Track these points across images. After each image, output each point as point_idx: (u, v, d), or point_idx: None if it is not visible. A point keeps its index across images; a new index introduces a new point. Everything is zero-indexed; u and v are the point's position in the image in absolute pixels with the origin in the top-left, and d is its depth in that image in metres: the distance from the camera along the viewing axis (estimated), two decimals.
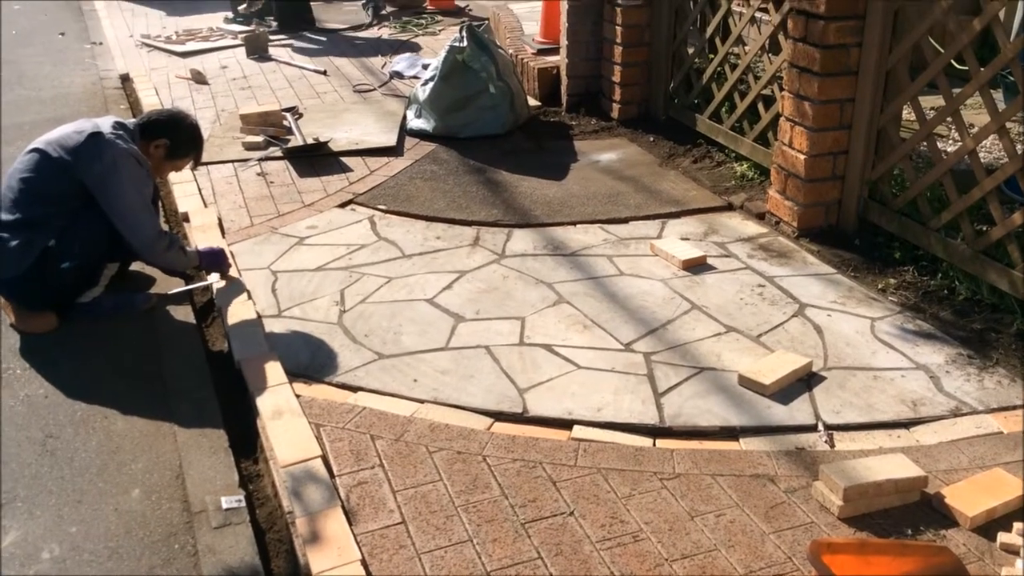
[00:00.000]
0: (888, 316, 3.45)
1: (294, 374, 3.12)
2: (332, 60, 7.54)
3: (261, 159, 5.17)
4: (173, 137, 3.60)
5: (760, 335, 3.34)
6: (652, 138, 5.42)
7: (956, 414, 2.89)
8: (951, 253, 3.61)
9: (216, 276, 3.75)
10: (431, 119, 5.54)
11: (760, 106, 4.64)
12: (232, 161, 5.17)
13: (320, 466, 2.63)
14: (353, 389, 3.07)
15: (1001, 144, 3.50)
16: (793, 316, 3.47)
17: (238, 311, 3.52)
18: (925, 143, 3.78)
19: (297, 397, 2.96)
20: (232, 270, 3.79)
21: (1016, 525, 2.37)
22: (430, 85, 5.58)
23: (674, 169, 4.98)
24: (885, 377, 3.07)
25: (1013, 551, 2.30)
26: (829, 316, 3.46)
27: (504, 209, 4.50)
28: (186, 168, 3.88)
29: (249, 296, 3.64)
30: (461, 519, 2.45)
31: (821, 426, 2.83)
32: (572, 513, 2.47)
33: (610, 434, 2.81)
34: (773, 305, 3.56)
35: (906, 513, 2.46)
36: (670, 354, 3.23)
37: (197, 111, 6.13)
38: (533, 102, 6.10)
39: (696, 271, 3.84)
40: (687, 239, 4.12)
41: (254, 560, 2.40)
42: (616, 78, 5.64)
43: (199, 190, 4.74)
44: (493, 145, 5.39)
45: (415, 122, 5.64)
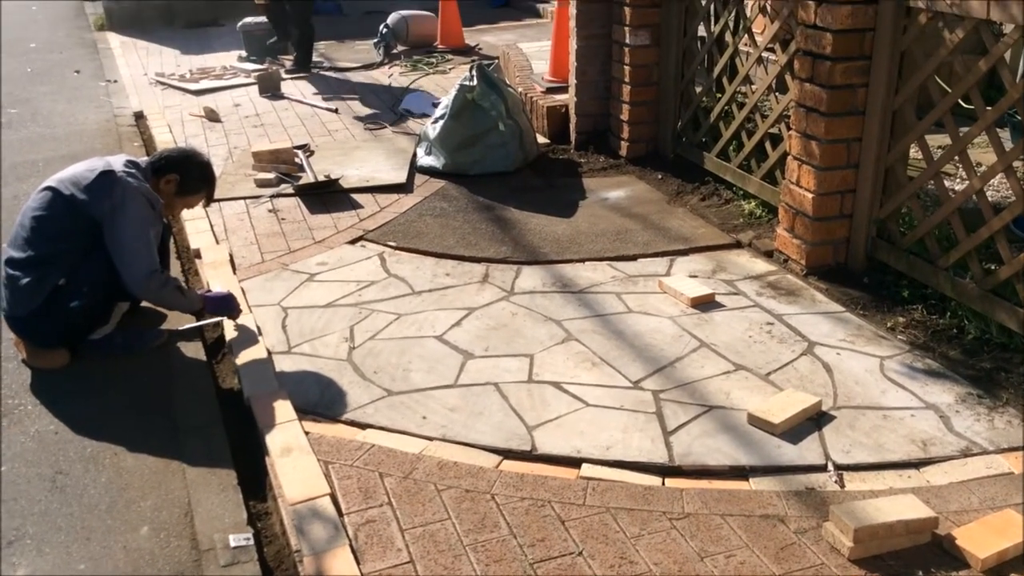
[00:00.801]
0: (897, 355, 3.45)
1: (303, 411, 3.13)
2: (344, 98, 7.62)
3: (273, 196, 5.22)
4: (183, 173, 3.63)
5: (769, 373, 3.34)
6: (660, 176, 5.45)
7: (966, 454, 2.88)
8: (960, 292, 3.61)
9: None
10: (441, 156, 5.59)
11: (767, 144, 4.67)
12: (244, 198, 5.22)
13: (328, 504, 2.63)
14: (362, 426, 3.07)
15: (1008, 183, 3.51)
16: (802, 354, 3.47)
17: (248, 348, 3.53)
18: (932, 182, 3.79)
19: (306, 434, 2.97)
20: (243, 315, 3.75)
21: None
22: (440, 123, 5.63)
23: (682, 207, 5.00)
24: (895, 416, 3.07)
25: None
26: (838, 355, 3.46)
27: (513, 246, 4.52)
28: (199, 206, 3.91)
29: (259, 332, 3.66)
30: (469, 558, 2.44)
31: (831, 466, 2.81)
32: (581, 553, 2.46)
33: (619, 473, 2.81)
34: (782, 343, 3.56)
35: (917, 555, 2.44)
36: (679, 392, 3.23)
37: (210, 148, 6.20)
38: (542, 140, 6.16)
39: (705, 309, 3.84)
40: (695, 276, 4.13)
41: None
42: (624, 116, 5.69)
43: (211, 227, 4.78)
44: (502, 182, 5.43)
45: (425, 159, 5.69)
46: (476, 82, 5.54)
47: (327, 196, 5.22)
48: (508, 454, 2.91)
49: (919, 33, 3.66)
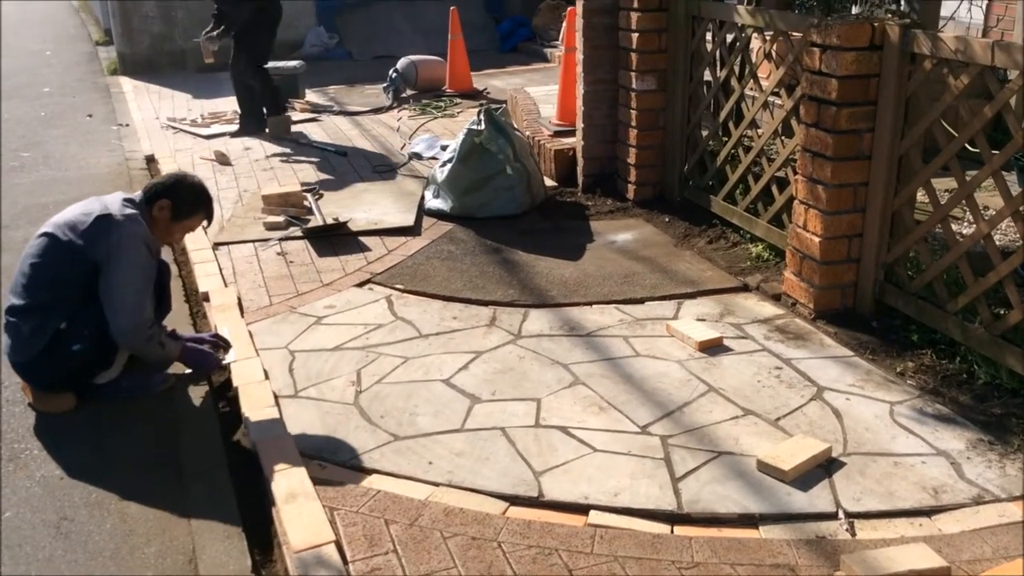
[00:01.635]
0: (907, 400, 3.43)
1: (309, 456, 3.12)
2: (353, 141, 7.69)
3: (281, 239, 5.25)
4: (175, 197, 3.61)
5: (778, 419, 3.32)
6: (667, 219, 5.47)
7: (978, 502, 2.84)
8: (969, 337, 3.60)
9: (233, 355, 3.77)
10: (449, 199, 5.62)
11: (774, 188, 4.69)
12: (253, 241, 5.25)
13: (333, 552, 2.60)
14: (368, 471, 3.06)
15: (1016, 227, 3.51)
16: (811, 399, 3.45)
17: (255, 391, 3.53)
18: (940, 226, 3.79)
19: (312, 479, 2.95)
20: (251, 358, 3.74)
21: None
22: (448, 166, 5.67)
23: (689, 249, 5.01)
24: (905, 463, 3.04)
25: None
26: (848, 400, 3.44)
27: (520, 289, 4.52)
28: (199, 229, 3.88)
29: (266, 376, 3.65)
30: None
31: (842, 514, 2.78)
32: None
33: (627, 520, 2.78)
34: (791, 388, 3.54)
35: None
36: (687, 437, 3.21)
37: (220, 192, 6.24)
38: (549, 183, 6.19)
39: (713, 352, 3.83)
40: (703, 320, 4.12)
41: None
42: (631, 160, 5.72)
43: (220, 270, 4.80)
44: (510, 225, 5.45)
45: (433, 202, 5.72)
46: (484, 126, 5.58)
47: (335, 239, 5.25)
48: (515, 500, 2.89)
49: (924, 79, 3.68)
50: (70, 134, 8.36)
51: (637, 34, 5.42)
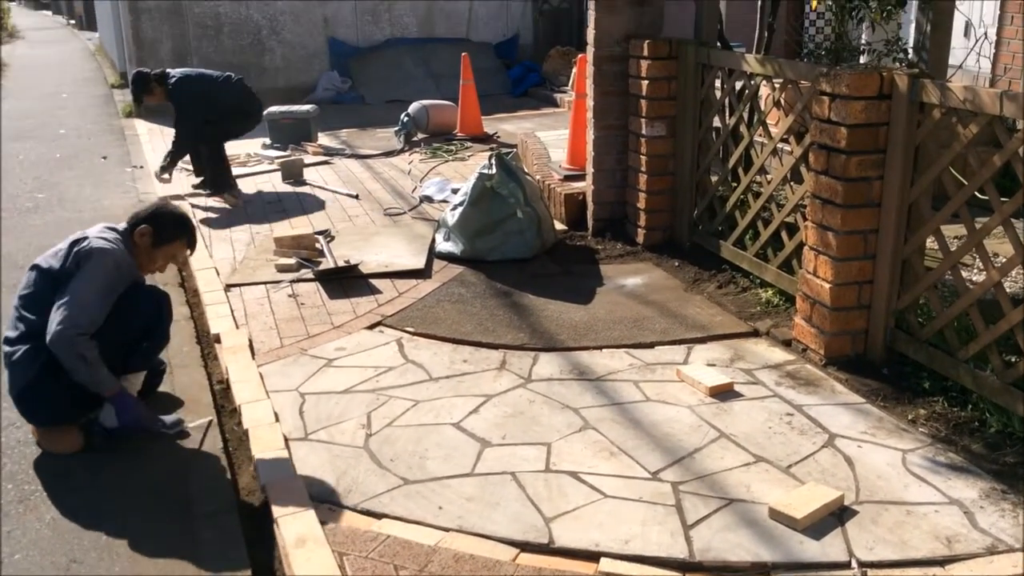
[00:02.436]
0: (919, 448, 3.41)
1: (319, 500, 3.11)
2: (364, 185, 7.76)
3: (293, 281, 5.28)
4: (155, 223, 3.68)
5: (790, 466, 3.30)
6: (677, 263, 5.49)
7: (992, 552, 2.82)
8: (980, 384, 3.59)
9: (210, 418, 3.75)
10: (459, 243, 5.65)
11: (783, 234, 4.71)
12: (265, 283, 5.28)
13: None
14: (378, 516, 3.05)
15: None
16: (823, 447, 3.43)
17: (265, 434, 3.53)
18: (950, 273, 3.80)
19: (321, 523, 2.94)
20: (260, 400, 3.72)
21: None
22: (459, 210, 5.71)
23: (699, 294, 5.02)
24: (918, 512, 3.01)
25: None
26: (860, 447, 3.42)
27: (530, 333, 4.53)
28: (184, 256, 3.94)
29: (276, 418, 3.66)
30: None
31: (855, 563, 2.76)
32: None
33: (638, 568, 2.76)
34: (802, 435, 3.52)
35: None
36: (698, 484, 3.20)
37: (232, 233, 6.30)
38: (560, 227, 6.22)
39: (723, 398, 3.82)
40: (713, 365, 4.12)
41: None
42: (641, 204, 5.76)
43: (231, 312, 4.82)
44: (520, 269, 5.48)
45: (443, 245, 5.75)
46: (495, 170, 5.63)
47: (346, 281, 5.27)
48: (525, 547, 2.88)
49: (933, 127, 3.71)
50: (85, 175, 8.46)
51: (647, 81, 5.49)
